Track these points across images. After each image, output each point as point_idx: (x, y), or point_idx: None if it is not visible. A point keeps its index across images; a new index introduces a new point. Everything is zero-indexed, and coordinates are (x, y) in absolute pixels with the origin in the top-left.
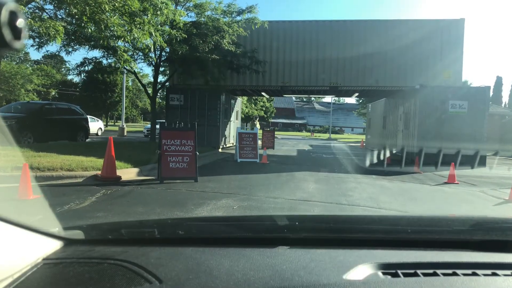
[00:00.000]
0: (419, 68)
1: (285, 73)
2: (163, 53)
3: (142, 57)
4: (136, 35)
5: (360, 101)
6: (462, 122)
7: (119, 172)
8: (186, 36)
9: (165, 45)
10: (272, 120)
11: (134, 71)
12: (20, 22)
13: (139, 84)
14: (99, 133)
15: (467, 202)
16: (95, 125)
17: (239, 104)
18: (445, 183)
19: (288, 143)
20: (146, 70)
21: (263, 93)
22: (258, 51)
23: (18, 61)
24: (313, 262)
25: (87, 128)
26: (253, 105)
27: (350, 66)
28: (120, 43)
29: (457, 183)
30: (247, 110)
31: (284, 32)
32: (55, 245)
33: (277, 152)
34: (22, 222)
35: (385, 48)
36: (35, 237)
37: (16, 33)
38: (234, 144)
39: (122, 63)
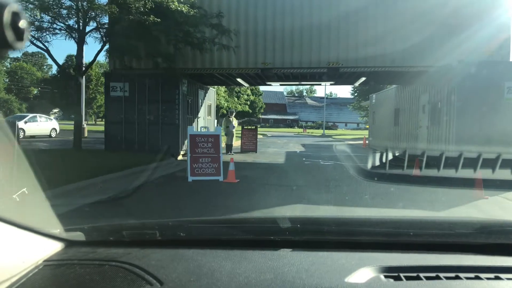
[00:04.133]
0: (451, 40)
1: (267, 50)
2: (92, 22)
3: (62, 25)
4: None
5: (356, 94)
6: None
7: None
8: None
9: None
10: (262, 116)
11: (46, 47)
12: (23, 23)
13: None
14: (53, 134)
15: None
16: (47, 125)
17: (212, 96)
18: None
19: (277, 143)
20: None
21: (239, 80)
22: (224, 16)
23: None
24: (315, 265)
25: None
26: (235, 99)
27: (356, 40)
28: None
29: None
30: (226, 105)
31: None
32: (56, 247)
33: (258, 158)
34: (23, 223)
35: (405, 14)
36: (36, 239)
37: (19, 34)
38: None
39: None
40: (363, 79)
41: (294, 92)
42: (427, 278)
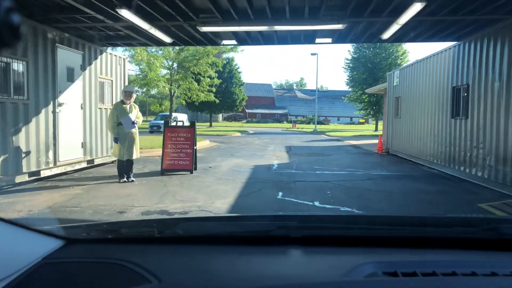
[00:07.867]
0: None
1: None
2: None
3: None
4: None
5: (352, 84)
6: None
7: None
8: None
9: None
10: (249, 111)
11: None
12: (18, 21)
13: None
14: None
15: None
16: None
17: (116, 66)
18: None
19: (255, 144)
20: None
21: (125, 15)
22: None
23: None
24: (313, 261)
25: None
26: (195, 84)
27: None
28: None
29: None
30: (168, 89)
31: None
32: (55, 245)
33: (181, 193)
34: (22, 221)
35: None
36: (35, 237)
37: (14, 31)
38: (75, 165)
39: None
40: (419, 5)
41: (284, 85)
42: (424, 274)
